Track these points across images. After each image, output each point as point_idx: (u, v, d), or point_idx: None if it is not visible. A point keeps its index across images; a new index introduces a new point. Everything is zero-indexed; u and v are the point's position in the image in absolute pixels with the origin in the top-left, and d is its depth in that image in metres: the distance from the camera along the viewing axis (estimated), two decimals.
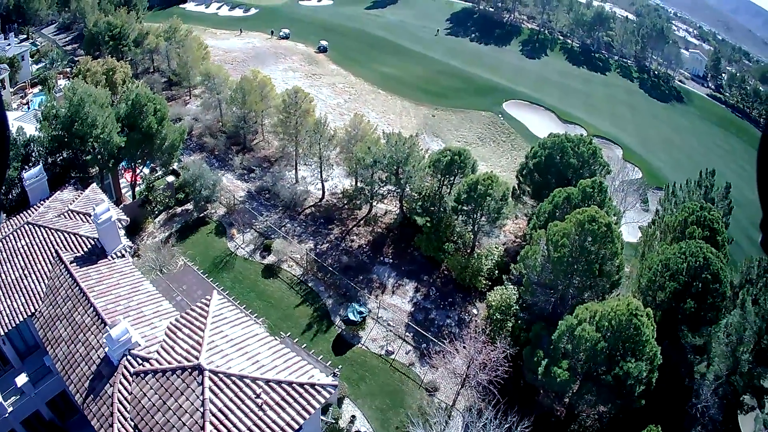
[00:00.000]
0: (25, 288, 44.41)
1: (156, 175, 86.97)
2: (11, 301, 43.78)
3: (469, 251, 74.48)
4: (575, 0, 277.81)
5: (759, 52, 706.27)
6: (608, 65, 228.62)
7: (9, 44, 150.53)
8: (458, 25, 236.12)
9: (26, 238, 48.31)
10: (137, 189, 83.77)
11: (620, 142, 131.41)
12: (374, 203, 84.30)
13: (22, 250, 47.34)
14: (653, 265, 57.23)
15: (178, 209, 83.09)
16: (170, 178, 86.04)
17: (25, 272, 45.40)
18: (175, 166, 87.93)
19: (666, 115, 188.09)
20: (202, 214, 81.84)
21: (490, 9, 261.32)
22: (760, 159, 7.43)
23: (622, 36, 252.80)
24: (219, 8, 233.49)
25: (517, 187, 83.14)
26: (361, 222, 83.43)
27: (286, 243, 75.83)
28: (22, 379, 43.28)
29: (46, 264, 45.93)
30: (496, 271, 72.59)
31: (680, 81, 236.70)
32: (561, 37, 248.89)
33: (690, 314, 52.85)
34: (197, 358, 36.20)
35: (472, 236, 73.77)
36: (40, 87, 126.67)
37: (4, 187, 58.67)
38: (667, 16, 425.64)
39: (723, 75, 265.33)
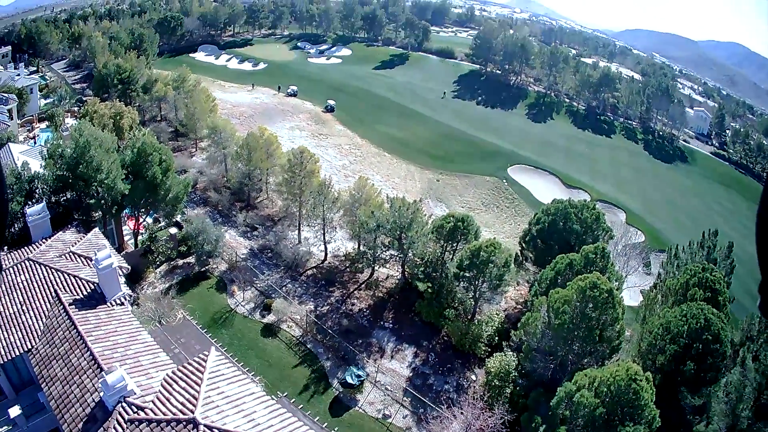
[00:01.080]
0: (23, 323, 44.02)
1: (159, 225, 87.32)
2: (8, 335, 43.37)
3: (469, 317, 73.82)
4: (581, 61, 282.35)
5: (763, 104, 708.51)
6: (613, 127, 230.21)
7: (18, 74, 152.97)
8: (465, 87, 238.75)
9: (26, 274, 48.01)
10: (140, 238, 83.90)
11: (623, 206, 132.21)
12: (376, 267, 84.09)
13: (21, 285, 47.00)
14: (654, 329, 56.97)
15: (180, 261, 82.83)
16: (173, 230, 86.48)
17: (24, 308, 45.04)
18: (178, 218, 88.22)
19: (670, 176, 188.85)
20: (203, 269, 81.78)
21: (498, 71, 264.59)
22: (759, 225, 7.25)
23: (628, 97, 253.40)
24: (228, 60, 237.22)
25: (519, 254, 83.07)
26: (363, 285, 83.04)
27: (286, 303, 75.51)
28: (15, 411, 42.79)
29: (44, 302, 45.59)
30: (496, 338, 71.86)
31: (684, 141, 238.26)
32: (567, 100, 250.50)
33: (690, 376, 52.60)
34: (193, 412, 35.69)
35: (473, 302, 73.12)
36: (47, 123, 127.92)
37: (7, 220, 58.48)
38: (673, 74, 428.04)
39: (727, 131, 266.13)
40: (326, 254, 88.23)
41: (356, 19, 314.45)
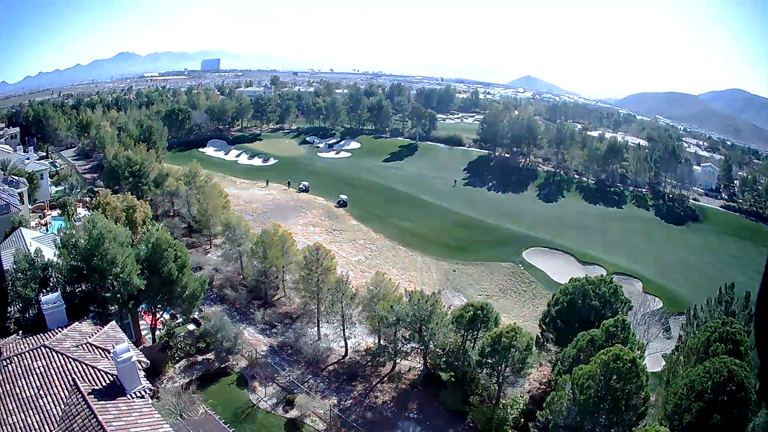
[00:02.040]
0: (41, 407, 43.24)
1: (177, 321, 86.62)
2: (26, 416, 42.65)
3: (494, 402, 73.15)
4: (588, 135, 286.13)
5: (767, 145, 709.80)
6: (624, 197, 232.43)
7: (29, 158, 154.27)
8: (475, 174, 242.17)
9: (43, 360, 47.48)
10: (157, 333, 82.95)
11: (639, 275, 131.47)
12: (398, 360, 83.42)
13: (38, 371, 46.38)
14: (678, 390, 56.37)
15: (199, 357, 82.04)
16: (191, 327, 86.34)
17: (41, 392, 44.33)
18: (195, 314, 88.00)
19: (682, 237, 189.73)
20: (223, 365, 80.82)
21: (506, 155, 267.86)
22: (757, 312, 7.00)
23: (636, 164, 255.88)
24: (238, 156, 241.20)
25: (540, 336, 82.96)
26: (385, 378, 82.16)
27: (309, 398, 74.72)
28: None
29: (62, 389, 44.92)
30: (522, 419, 71.01)
31: (694, 199, 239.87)
32: (576, 176, 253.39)
33: (717, 428, 51.72)
34: None
35: (497, 387, 72.62)
36: (59, 211, 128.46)
37: (21, 305, 58.44)
38: (678, 134, 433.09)
39: (735, 182, 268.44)
40: (347, 349, 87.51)
41: (363, 111, 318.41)
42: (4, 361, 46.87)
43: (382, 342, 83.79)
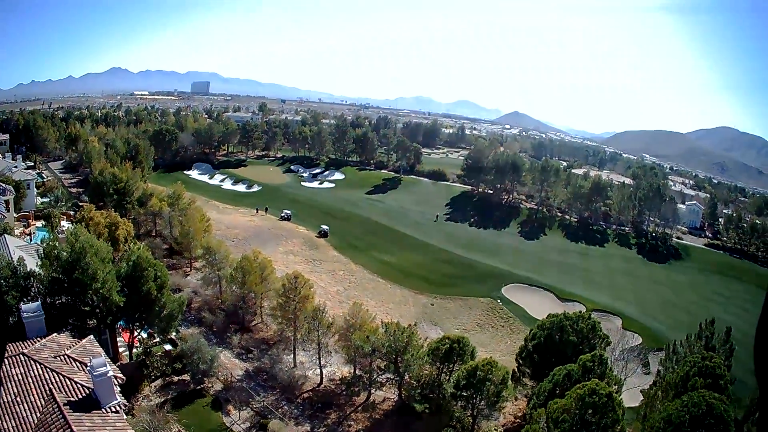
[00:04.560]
0: (17, 414, 43.13)
1: (154, 341, 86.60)
2: (2, 421, 42.52)
3: None
4: (572, 173, 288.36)
5: (755, 184, 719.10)
6: (606, 236, 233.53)
7: (16, 166, 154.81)
8: (458, 209, 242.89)
9: (21, 368, 47.33)
10: (134, 351, 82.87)
11: (619, 312, 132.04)
12: (372, 390, 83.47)
13: (15, 378, 46.27)
14: (655, 424, 56.39)
15: (175, 378, 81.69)
16: (168, 347, 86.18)
17: (18, 399, 44.20)
18: (173, 335, 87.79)
19: (665, 275, 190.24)
20: (198, 386, 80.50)
21: (489, 191, 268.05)
22: (757, 344, 7.21)
23: (620, 203, 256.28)
24: (222, 181, 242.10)
25: (516, 370, 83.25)
26: (359, 408, 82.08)
27: (282, 424, 74.35)
28: None
29: (39, 398, 44.79)
30: None
31: (678, 237, 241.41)
32: (559, 214, 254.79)
33: None
34: None
35: (471, 420, 72.79)
36: (43, 222, 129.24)
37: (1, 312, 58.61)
38: (663, 173, 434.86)
39: (720, 220, 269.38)
40: (322, 378, 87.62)
41: (348, 142, 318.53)
42: None
43: (357, 371, 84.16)
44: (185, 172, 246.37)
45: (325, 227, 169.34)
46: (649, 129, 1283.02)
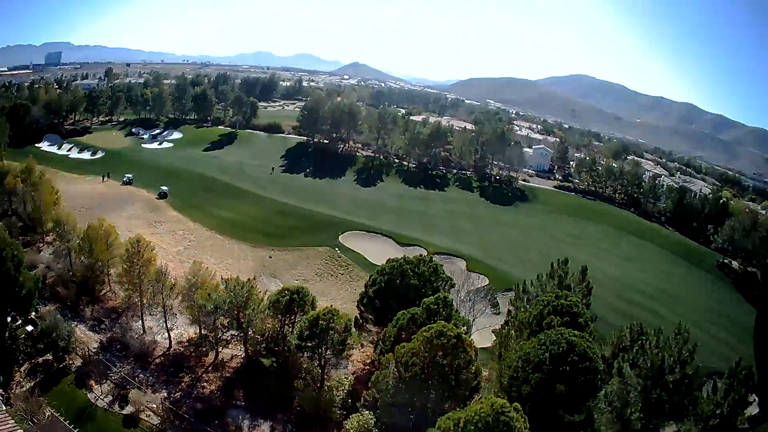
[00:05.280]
0: None
1: (17, 323, 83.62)
2: None
3: (318, 385, 73.47)
4: (411, 120, 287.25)
5: (612, 129, 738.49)
6: (447, 181, 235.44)
7: None
8: (293, 161, 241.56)
9: None
10: None
11: (462, 255, 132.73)
12: (220, 349, 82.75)
13: None
14: (513, 363, 57.36)
15: (40, 359, 78.61)
16: (29, 328, 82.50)
17: None
18: (33, 315, 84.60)
19: (511, 217, 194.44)
20: (61, 365, 78.02)
21: (325, 141, 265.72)
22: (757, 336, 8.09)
23: (461, 148, 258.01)
24: (69, 150, 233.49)
25: (359, 317, 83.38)
26: (210, 368, 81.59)
27: (141, 393, 73.63)
28: None
29: None
30: (350, 400, 71.99)
31: (524, 180, 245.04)
32: (397, 161, 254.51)
33: (564, 397, 52.74)
34: None
35: (320, 370, 72.99)
36: None
37: None
38: (509, 117, 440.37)
39: (571, 163, 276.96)
40: (170, 341, 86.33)
41: (187, 100, 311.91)
42: None
43: (203, 331, 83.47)
44: (36, 145, 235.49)
45: (164, 188, 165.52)
46: (495, 76, 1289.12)
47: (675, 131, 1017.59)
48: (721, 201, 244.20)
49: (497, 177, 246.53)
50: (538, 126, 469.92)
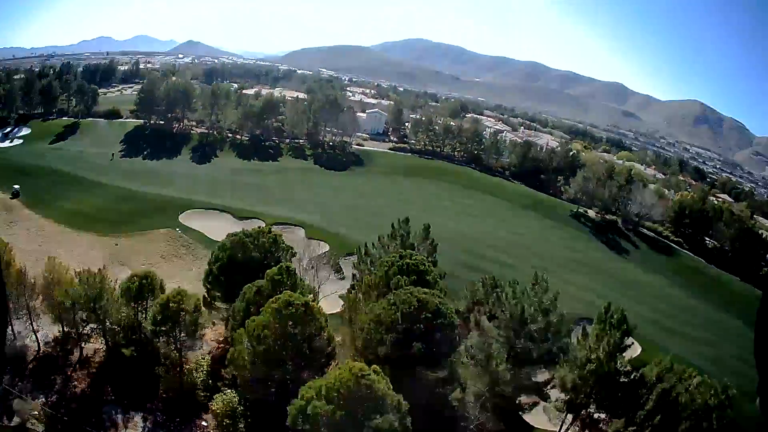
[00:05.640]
0: None
1: None
2: None
3: (179, 369, 72.86)
4: (244, 94, 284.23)
5: (450, 89, 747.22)
6: (280, 151, 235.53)
7: None
8: (131, 145, 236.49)
9: None
10: None
11: (300, 223, 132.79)
12: (83, 344, 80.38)
13: None
14: (365, 326, 57.31)
15: None
16: None
17: None
18: None
19: (347, 182, 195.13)
20: None
21: (161, 122, 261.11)
22: (758, 328, 6.79)
23: (293, 117, 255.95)
24: None
25: (207, 295, 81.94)
26: (77, 366, 78.80)
27: (23, 401, 70.57)
28: None
29: None
30: (210, 380, 71.97)
31: (359, 144, 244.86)
32: (230, 135, 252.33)
33: (423, 354, 52.64)
34: None
35: (177, 353, 72.07)
36: None
37: None
38: (341, 84, 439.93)
39: (407, 124, 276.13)
40: (39, 343, 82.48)
41: (35, 94, 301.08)
42: None
43: (65, 328, 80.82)
44: None
45: (16, 187, 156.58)
46: (327, 45, 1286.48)
47: (520, 89, 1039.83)
48: (571, 153, 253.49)
49: (330, 143, 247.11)
50: (372, 91, 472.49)
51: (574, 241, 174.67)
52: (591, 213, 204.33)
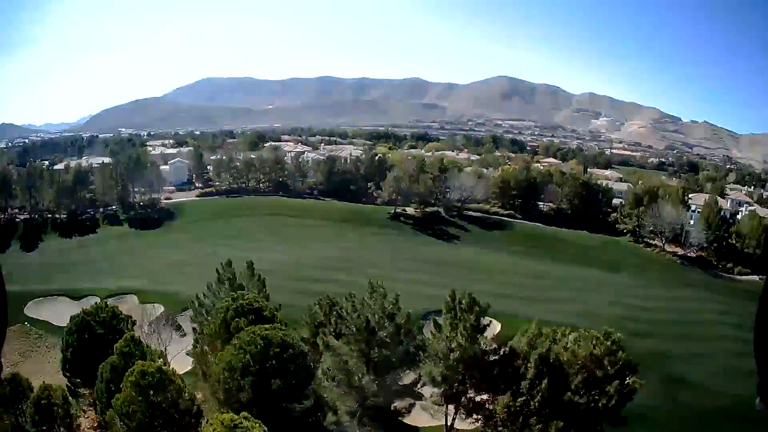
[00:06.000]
0: None
1: None
2: None
3: None
4: (55, 170, 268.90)
5: (244, 123, 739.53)
6: (96, 221, 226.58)
7: None
8: None
9: None
10: None
11: (131, 290, 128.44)
12: None
13: None
14: (219, 376, 55.37)
15: None
16: None
17: None
18: None
19: (164, 239, 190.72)
20: None
21: None
22: (757, 329, 6.57)
23: (102, 185, 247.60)
24: None
25: (69, 383, 77.12)
26: None
27: None
28: None
29: None
30: None
31: (167, 198, 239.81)
32: (49, 215, 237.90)
33: (284, 390, 51.71)
34: None
35: None
36: None
37: None
38: (141, 141, 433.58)
39: (209, 167, 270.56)
40: None
41: None
42: None
43: None
44: None
45: None
46: (123, 103, 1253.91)
47: (314, 106, 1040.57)
48: (377, 157, 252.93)
49: (141, 204, 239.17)
50: (171, 141, 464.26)
51: (401, 241, 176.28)
52: (410, 210, 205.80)
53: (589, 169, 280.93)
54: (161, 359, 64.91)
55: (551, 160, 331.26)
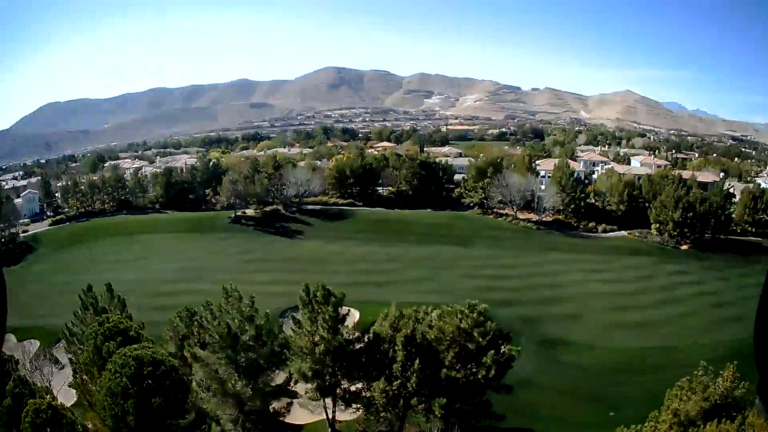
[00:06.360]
0: None
1: None
2: None
3: None
4: None
5: (88, 145, 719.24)
6: None
7: None
8: None
9: None
10: None
11: (9, 329, 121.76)
12: None
13: None
14: (104, 404, 53.04)
15: None
16: None
17: None
18: None
19: (27, 273, 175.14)
20: None
21: None
22: (757, 328, 7.71)
23: None
24: None
25: None
26: None
27: None
28: None
29: None
30: None
31: (25, 231, 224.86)
32: None
33: (165, 406, 50.50)
34: None
35: None
36: None
37: None
38: None
39: (57, 194, 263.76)
40: None
41: None
42: None
43: None
44: None
45: None
46: None
47: (146, 120, 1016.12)
48: (211, 162, 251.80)
49: (2, 240, 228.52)
50: (21, 172, 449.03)
51: (245, 243, 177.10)
52: (250, 212, 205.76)
53: (426, 148, 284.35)
54: (49, 395, 64.66)
55: (385, 144, 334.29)
